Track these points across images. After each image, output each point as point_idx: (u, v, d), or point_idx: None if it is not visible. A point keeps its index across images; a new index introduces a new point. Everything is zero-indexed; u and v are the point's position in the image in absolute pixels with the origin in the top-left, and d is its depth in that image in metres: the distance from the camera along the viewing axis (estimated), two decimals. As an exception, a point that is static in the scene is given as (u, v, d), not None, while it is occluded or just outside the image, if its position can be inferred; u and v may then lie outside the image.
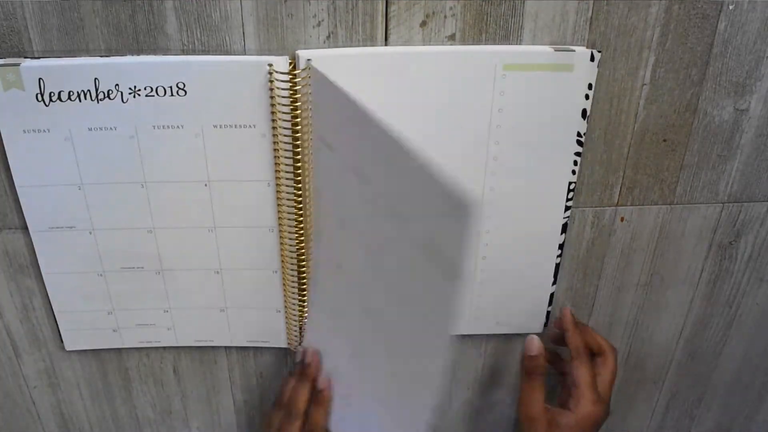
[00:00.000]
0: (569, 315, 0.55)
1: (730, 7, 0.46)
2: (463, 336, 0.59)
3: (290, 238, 0.49)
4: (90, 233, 0.49)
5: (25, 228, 0.48)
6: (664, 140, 0.52)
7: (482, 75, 0.45)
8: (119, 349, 0.56)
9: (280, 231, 0.50)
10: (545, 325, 0.58)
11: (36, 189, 0.47)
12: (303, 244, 0.49)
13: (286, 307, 0.53)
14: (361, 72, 0.44)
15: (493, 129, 0.47)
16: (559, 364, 0.58)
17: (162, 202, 0.48)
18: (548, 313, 0.57)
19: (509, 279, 0.54)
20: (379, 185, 0.38)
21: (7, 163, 0.46)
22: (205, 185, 0.47)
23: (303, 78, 0.44)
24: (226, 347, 0.57)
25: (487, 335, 0.59)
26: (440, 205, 0.31)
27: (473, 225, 0.29)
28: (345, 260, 0.45)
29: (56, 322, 0.53)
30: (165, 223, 0.49)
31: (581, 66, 0.46)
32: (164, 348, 0.56)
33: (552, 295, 0.56)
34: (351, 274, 0.45)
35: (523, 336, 0.55)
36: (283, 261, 0.51)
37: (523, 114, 0.47)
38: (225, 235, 0.50)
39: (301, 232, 0.49)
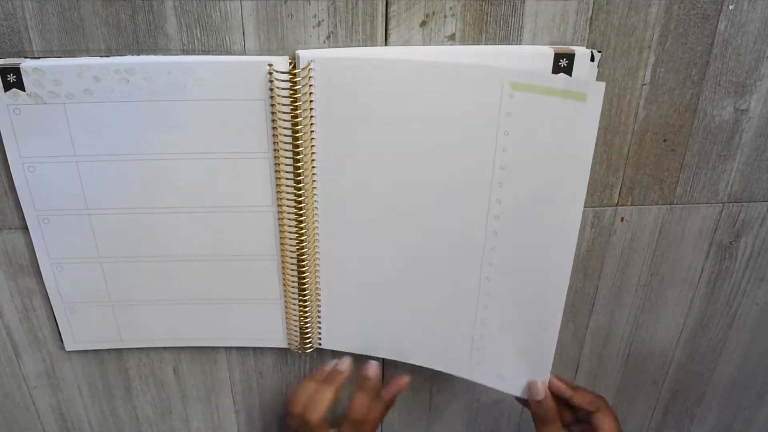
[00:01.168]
0: (560, 384, 0.50)
1: (730, 7, 0.46)
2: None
3: (290, 238, 0.49)
4: (90, 229, 0.49)
5: (25, 228, 0.48)
6: (664, 140, 0.52)
7: (488, 88, 0.43)
8: (119, 349, 0.56)
9: (280, 230, 0.50)
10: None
11: (36, 189, 0.47)
12: (304, 244, 0.49)
13: (286, 306, 0.53)
14: (362, 78, 0.44)
15: (501, 136, 0.45)
16: (567, 416, 0.53)
17: (163, 199, 0.48)
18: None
19: (512, 311, 0.50)
20: None
21: (7, 162, 0.46)
22: (206, 183, 0.48)
23: (303, 78, 0.44)
24: (226, 347, 0.57)
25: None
26: None
27: None
28: None
29: (56, 321, 0.53)
30: (165, 218, 0.49)
31: (595, 96, 0.40)
32: (164, 348, 0.56)
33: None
34: None
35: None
36: (283, 254, 0.51)
37: (525, 114, 0.46)
38: (227, 233, 0.50)
39: (302, 231, 0.49)
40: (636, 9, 0.46)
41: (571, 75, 0.45)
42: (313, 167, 0.47)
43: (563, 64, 0.44)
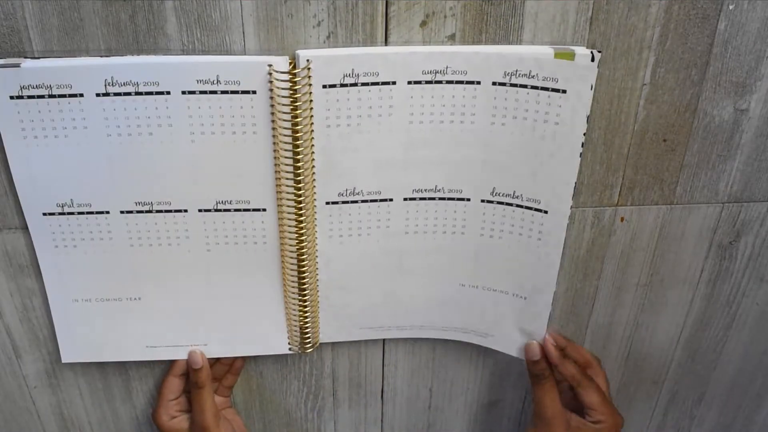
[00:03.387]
0: (552, 348, 0.53)
1: (730, 7, 0.46)
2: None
3: (290, 238, 0.49)
4: (90, 230, 0.49)
5: (25, 228, 0.48)
6: (664, 140, 0.52)
7: (482, 78, 0.45)
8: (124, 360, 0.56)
9: (280, 230, 0.50)
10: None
11: (36, 188, 0.47)
12: (304, 243, 0.49)
13: (286, 308, 0.53)
14: (361, 72, 0.44)
15: (495, 129, 0.47)
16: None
17: (162, 198, 0.48)
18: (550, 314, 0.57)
19: (507, 282, 0.54)
20: None
21: (7, 162, 0.46)
22: (205, 183, 0.48)
23: (302, 77, 0.44)
24: (226, 347, 0.57)
25: (487, 335, 0.59)
26: None
27: None
28: None
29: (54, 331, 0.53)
30: (164, 218, 0.49)
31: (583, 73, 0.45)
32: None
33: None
34: None
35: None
36: (283, 254, 0.51)
37: (523, 114, 0.47)
38: (222, 231, 0.50)
39: (302, 233, 0.49)
40: (636, 9, 0.46)
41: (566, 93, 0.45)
42: (313, 166, 0.47)
43: None
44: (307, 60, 0.43)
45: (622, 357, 0.63)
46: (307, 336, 0.54)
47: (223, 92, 0.44)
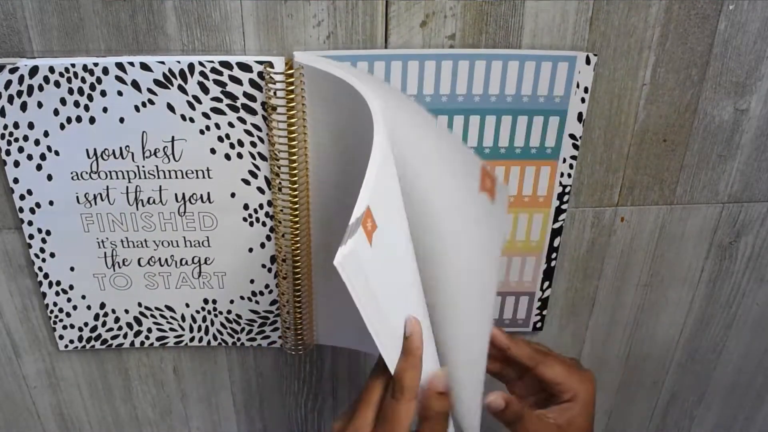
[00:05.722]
0: (500, 334, 0.47)
1: (730, 7, 0.46)
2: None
3: (286, 236, 0.49)
4: (87, 229, 0.49)
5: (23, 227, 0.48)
6: (664, 140, 0.52)
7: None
8: (119, 349, 0.56)
9: (276, 228, 0.50)
10: (534, 328, 0.58)
11: (35, 187, 0.47)
12: (298, 243, 0.49)
13: (280, 308, 0.53)
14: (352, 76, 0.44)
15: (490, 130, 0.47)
16: (510, 372, 0.50)
17: (159, 198, 0.48)
18: (543, 317, 0.57)
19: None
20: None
21: (6, 162, 0.46)
22: (203, 183, 0.48)
23: (297, 78, 0.44)
24: (225, 347, 0.57)
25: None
26: None
27: None
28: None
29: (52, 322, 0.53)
30: (160, 217, 0.49)
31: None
32: (164, 348, 0.56)
33: (543, 299, 0.56)
34: None
35: (518, 334, 0.55)
36: (278, 253, 0.51)
37: (519, 113, 0.47)
38: (221, 232, 0.50)
39: (297, 230, 0.49)
40: (636, 9, 0.46)
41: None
42: (307, 168, 0.47)
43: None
44: (299, 65, 0.43)
45: (622, 357, 0.63)
46: (300, 336, 0.54)
47: (221, 92, 0.44)
